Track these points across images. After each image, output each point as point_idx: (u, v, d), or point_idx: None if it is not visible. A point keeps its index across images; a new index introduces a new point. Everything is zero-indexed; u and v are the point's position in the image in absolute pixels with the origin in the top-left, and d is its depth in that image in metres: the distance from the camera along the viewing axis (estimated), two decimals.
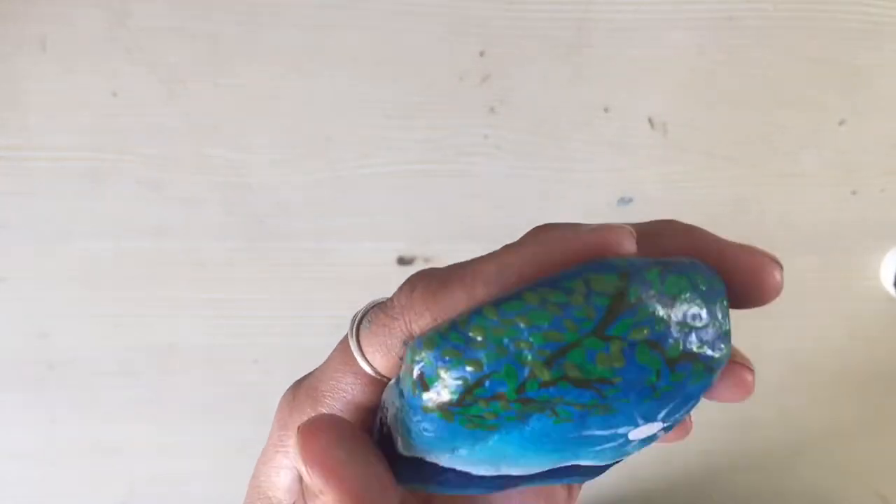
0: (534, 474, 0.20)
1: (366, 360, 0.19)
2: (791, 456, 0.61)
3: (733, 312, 0.19)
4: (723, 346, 0.18)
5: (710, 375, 0.18)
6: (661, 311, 0.17)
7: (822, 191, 0.57)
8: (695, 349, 0.17)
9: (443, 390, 0.17)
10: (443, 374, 0.17)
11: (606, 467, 0.20)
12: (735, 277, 0.18)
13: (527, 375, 0.17)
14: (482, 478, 0.19)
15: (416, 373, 0.17)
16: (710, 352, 0.18)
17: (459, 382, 0.17)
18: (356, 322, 0.19)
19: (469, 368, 0.17)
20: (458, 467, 0.19)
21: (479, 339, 0.17)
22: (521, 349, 0.17)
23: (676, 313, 0.17)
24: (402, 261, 0.56)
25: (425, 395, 0.17)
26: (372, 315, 0.19)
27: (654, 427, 0.18)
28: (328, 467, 0.17)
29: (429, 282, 0.18)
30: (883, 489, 0.62)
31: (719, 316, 0.18)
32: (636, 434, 0.19)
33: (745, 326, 0.59)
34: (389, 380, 0.19)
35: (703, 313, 0.17)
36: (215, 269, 0.56)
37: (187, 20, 0.52)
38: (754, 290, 0.19)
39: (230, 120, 0.54)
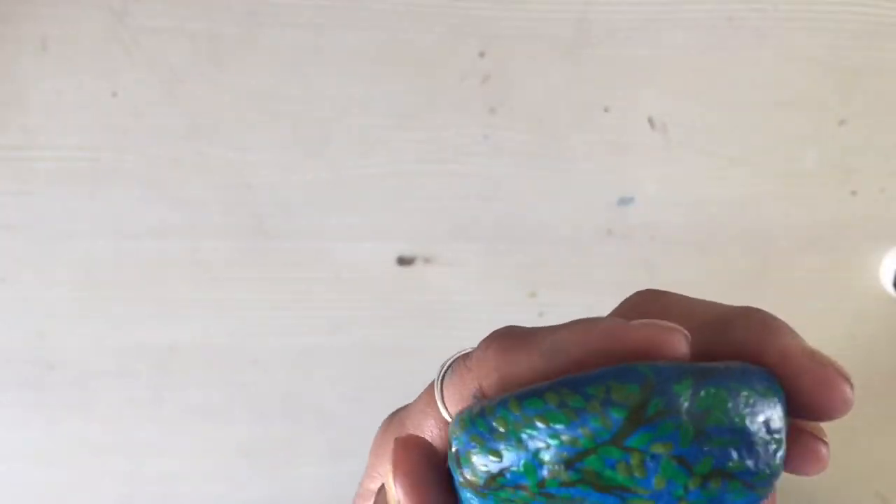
0: None
1: (444, 406, 0.19)
2: None
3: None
4: (769, 463, 0.17)
5: (752, 493, 0.17)
6: (688, 426, 0.16)
7: (823, 191, 0.58)
8: (730, 466, 0.17)
9: (471, 472, 0.17)
10: (471, 457, 0.17)
11: None
12: (799, 388, 0.17)
13: (546, 474, 0.17)
14: None
15: (453, 448, 0.18)
16: (751, 469, 0.17)
17: (484, 469, 0.17)
18: (444, 368, 0.20)
19: (491, 458, 0.17)
20: None
21: (501, 430, 0.17)
22: (538, 448, 0.17)
23: (708, 429, 0.16)
24: (402, 261, 0.56)
25: (459, 472, 0.18)
26: (455, 364, 0.19)
27: None
28: (414, 483, 0.18)
29: (503, 341, 0.18)
30: (883, 489, 0.62)
31: (765, 432, 0.17)
32: None
33: None
34: None
35: (743, 430, 0.16)
36: (215, 268, 0.56)
37: (187, 20, 0.52)
38: (819, 405, 0.17)
39: (230, 120, 0.54)
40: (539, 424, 0.17)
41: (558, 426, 0.16)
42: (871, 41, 0.56)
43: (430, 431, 0.20)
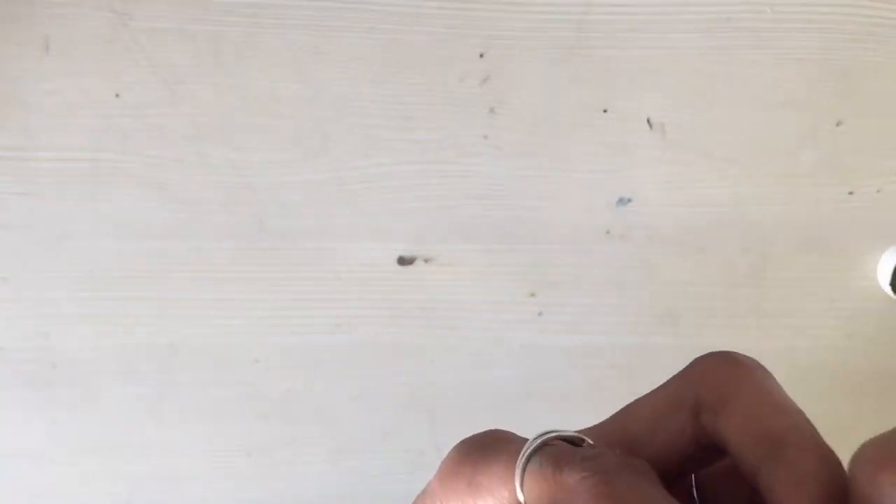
0: None
1: (524, 496, 0.19)
2: None
3: (732, 313, 0.18)
4: None
5: None
6: None
7: (820, 191, 0.58)
8: None
9: None
10: None
11: None
12: None
13: None
14: None
15: None
16: None
17: None
18: (529, 451, 0.19)
19: None
20: None
21: None
22: None
23: None
24: (402, 261, 0.57)
25: None
26: (546, 459, 0.19)
27: None
28: None
29: (600, 486, 0.17)
30: None
31: None
32: None
33: (743, 326, 0.59)
34: None
35: None
36: (216, 268, 0.56)
37: (188, 21, 0.53)
38: None
39: (231, 120, 0.54)
40: None
41: None
42: (867, 42, 0.56)
43: (504, 502, 0.19)
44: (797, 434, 0.17)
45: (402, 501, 0.60)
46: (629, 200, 0.57)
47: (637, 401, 0.20)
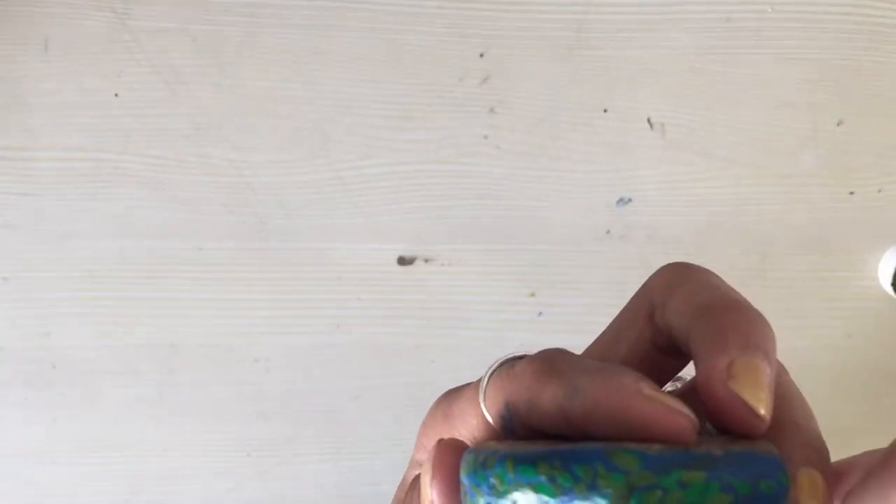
0: None
1: (485, 406, 0.20)
2: None
3: None
4: None
5: None
6: None
7: (821, 191, 0.58)
8: None
9: None
10: (472, 497, 0.18)
11: None
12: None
13: None
14: None
15: (462, 480, 0.19)
16: None
17: None
18: (494, 366, 0.20)
19: None
20: None
21: (499, 488, 0.18)
22: None
23: None
24: (402, 261, 0.57)
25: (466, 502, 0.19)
26: (501, 368, 0.20)
27: None
28: (448, 490, 0.19)
29: (543, 364, 0.18)
30: None
31: None
32: None
33: None
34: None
35: None
36: (216, 268, 0.56)
37: (189, 21, 0.53)
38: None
39: (231, 120, 0.54)
40: (529, 492, 0.17)
41: (548, 499, 0.17)
42: (868, 42, 0.56)
43: (472, 423, 0.20)
44: (728, 300, 0.17)
45: None
46: (629, 200, 0.57)
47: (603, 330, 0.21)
